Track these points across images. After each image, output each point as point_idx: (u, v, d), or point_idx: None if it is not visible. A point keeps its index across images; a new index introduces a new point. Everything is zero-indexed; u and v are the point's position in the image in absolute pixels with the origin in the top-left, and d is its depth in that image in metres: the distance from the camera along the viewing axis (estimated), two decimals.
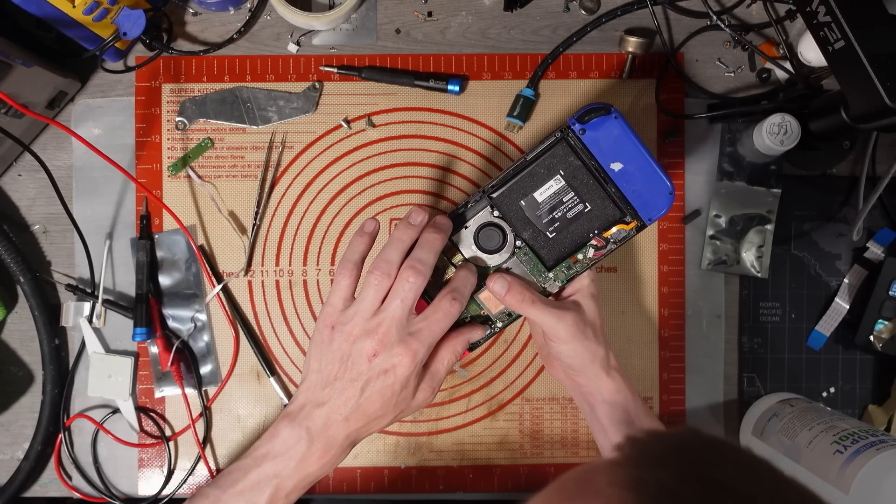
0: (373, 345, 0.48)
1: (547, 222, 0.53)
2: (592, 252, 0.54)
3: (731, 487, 0.28)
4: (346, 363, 0.49)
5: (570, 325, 0.52)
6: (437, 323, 0.49)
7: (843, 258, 0.67)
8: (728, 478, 0.29)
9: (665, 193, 0.53)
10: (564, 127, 0.52)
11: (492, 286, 0.52)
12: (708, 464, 0.30)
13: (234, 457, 0.66)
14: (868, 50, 0.49)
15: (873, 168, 0.66)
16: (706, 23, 0.67)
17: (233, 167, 0.66)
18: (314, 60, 0.66)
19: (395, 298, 0.49)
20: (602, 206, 0.53)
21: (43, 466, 0.66)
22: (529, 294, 0.52)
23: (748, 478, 0.29)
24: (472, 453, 0.66)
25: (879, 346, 0.66)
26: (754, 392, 0.67)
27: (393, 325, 0.48)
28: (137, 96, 0.66)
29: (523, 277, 0.54)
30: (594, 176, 0.52)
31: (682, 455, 0.30)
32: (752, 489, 0.29)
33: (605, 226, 0.53)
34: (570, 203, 0.53)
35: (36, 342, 0.64)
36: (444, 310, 0.50)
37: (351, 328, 0.49)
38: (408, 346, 0.48)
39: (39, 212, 0.67)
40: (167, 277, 0.66)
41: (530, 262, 0.54)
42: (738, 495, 0.28)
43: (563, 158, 0.52)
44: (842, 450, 0.53)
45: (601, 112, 0.51)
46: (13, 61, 0.56)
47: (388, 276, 0.49)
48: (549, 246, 0.54)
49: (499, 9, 0.67)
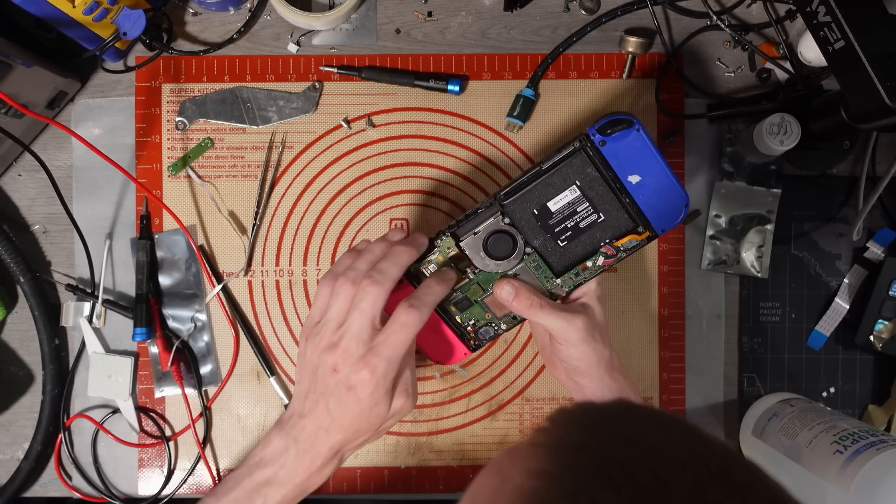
0: (333, 359, 0.47)
1: (559, 231, 0.52)
2: (602, 260, 0.53)
3: (636, 439, 0.28)
4: (316, 376, 0.49)
5: (580, 328, 0.52)
6: (395, 335, 0.47)
7: (843, 258, 0.67)
8: (636, 432, 0.29)
9: (680, 205, 0.51)
10: (583, 136, 0.50)
11: (498, 292, 0.52)
12: (625, 424, 0.30)
13: (234, 457, 0.66)
14: (868, 50, 0.49)
15: (873, 168, 0.66)
16: (706, 23, 0.67)
17: (233, 167, 0.66)
18: (314, 60, 0.66)
19: (354, 310, 0.48)
20: (616, 216, 0.52)
21: (43, 466, 0.66)
22: (537, 299, 0.52)
23: (657, 431, 0.29)
24: (472, 453, 0.66)
25: (879, 346, 0.66)
26: (754, 392, 0.67)
27: (352, 340, 0.47)
28: (137, 96, 0.66)
29: (530, 282, 0.53)
30: (610, 187, 0.51)
31: (604, 422, 0.30)
32: (656, 440, 0.28)
33: (617, 235, 0.52)
34: (583, 213, 0.52)
35: (36, 342, 0.64)
36: (400, 320, 0.47)
37: (318, 340, 0.49)
38: (366, 362, 0.47)
39: (39, 212, 0.67)
40: (167, 277, 0.66)
41: (539, 269, 0.53)
42: (641, 443, 0.28)
43: (581, 169, 0.51)
44: (842, 450, 0.53)
45: (624, 125, 0.49)
46: (13, 61, 0.56)
47: (353, 283, 0.48)
48: (558, 253, 0.53)
49: (499, 9, 0.67)
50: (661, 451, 0.27)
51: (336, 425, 0.48)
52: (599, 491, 0.25)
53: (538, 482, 0.27)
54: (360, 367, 0.47)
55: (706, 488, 0.26)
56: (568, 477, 0.26)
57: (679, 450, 0.28)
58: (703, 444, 0.28)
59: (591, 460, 0.27)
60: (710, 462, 0.27)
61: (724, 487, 0.26)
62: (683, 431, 0.29)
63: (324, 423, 0.48)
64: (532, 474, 0.27)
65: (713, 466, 0.27)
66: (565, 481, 0.26)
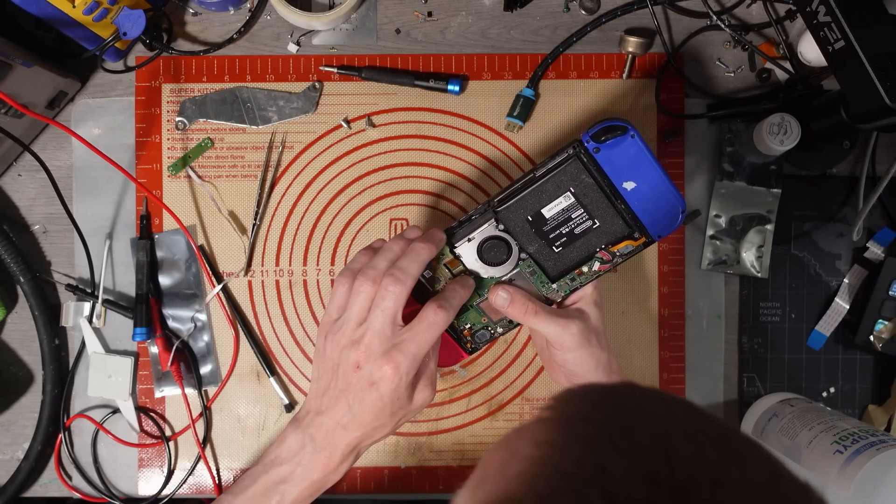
0: (356, 356, 0.48)
1: (554, 237, 0.52)
2: (598, 265, 0.53)
3: (639, 411, 0.29)
4: (337, 373, 0.49)
5: (576, 333, 0.51)
6: (422, 333, 0.48)
7: (843, 258, 0.67)
8: (639, 405, 0.30)
9: (677, 211, 0.51)
10: (577, 143, 0.49)
11: (493, 299, 0.52)
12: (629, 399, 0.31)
13: (234, 457, 0.66)
14: (868, 50, 0.49)
15: (873, 168, 0.66)
16: (706, 23, 0.67)
17: (233, 167, 0.66)
18: (314, 60, 0.66)
19: (376, 308, 0.48)
20: (611, 222, 0.51)
21: (43, 466, 0.66)
22: (532, 305, 0.51)
23: (660, 405, 0.30)
24: (472, 453, 0.66)
25: (879, 346, 0.66)
26: (754, 392, 0.67)
27: (375, 337, 0.48)
28: (137, 96, 0.66)
29: (526, 288, 0.53)
30: (605, 194, 0.50)
31: (608, 398, 0.31)
32: (660, 413, 0.29)
33: (612, 241, 0.52)
34: (578, 219, 0.51)
35: (36, 342, 0.64)
36: (428, 320, 0.48)
37: (339, 338, 0.49)
38: (390, 358, 0.47)
39: (39, 212, 0.67)
40: (167, 277, 0.66)
41: (534, 275, 0.53)
42: (644, 415, 0.29)
43: (575, 176, 0.50)
44: (842, 450, 0.53)
45: (618, 132, 0.49)
46: (13, 61, 0.56)
47: (373, 282, 0.48)
48: (554, 259, 0.53)
49: (499, 9, 0.67)
50: (664, 421, 0.28)
51: (356, 422, 0.49)
52: (605, 455, 0.26)
53: (546, 450, 0.28)
54: (384, 363, 0.47)
55: (707, 453, 0.26)
56: (575, 444, 0.27)
57: (681, 421, 0.29)
58: (704, 417, 0.29)
59: (597, 429, 0.28)
60: (710, 432, 0.28)
61: (725, 453, 0.27)
62: (685, 407, 0.30)
63: (343, 419, 0.49)
64: (540, 444, 0.28)
65: (714, 436, 0.28)
66: (572, 448, 0.27)
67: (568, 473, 0.26)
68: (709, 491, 0.25)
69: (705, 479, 0.25)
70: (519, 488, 0.26)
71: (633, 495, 0.24)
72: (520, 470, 0.27)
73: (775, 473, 0.27)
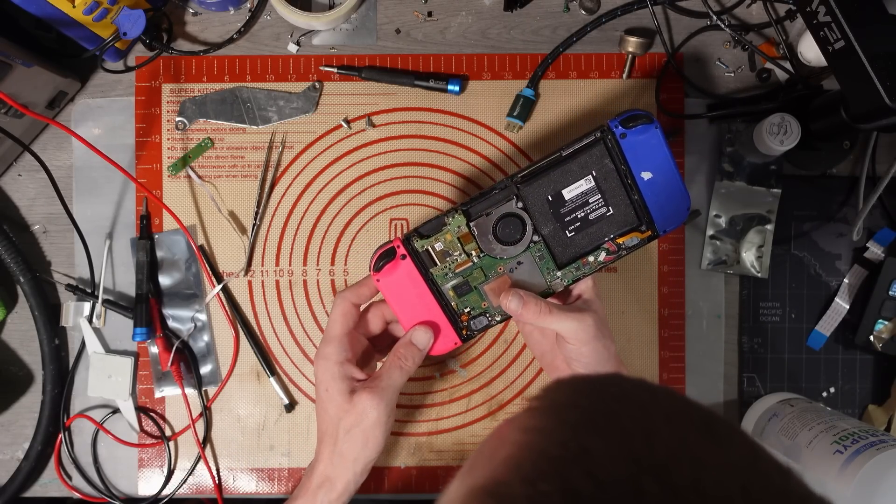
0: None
1: (569, 220, 0.53)
2: (604, 256, 0.54)
3: (624, 397, 0.30)
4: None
5: (592, 325, 0.52)
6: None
7: (843, 258, 0.67)
8: (624, 392, 0.31)
9: (683, 208, 0.53)
10: (605, 128, 0.51)
11: (506, 305, 0.52)
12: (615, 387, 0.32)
13: (234, 457, 0.66)
14: (868, 50, 0.49)
15: (873, 168, 0.66)
16: (706, 23, 0.67)
17: (233, 167, 0.66)
18: (314, 60, 0.66)
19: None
20: (624, 212, 0.53)
21: (43, 466, 0.66)
22: (546, 305, 0.52)
23: (645, 392, 0.31)
24: (472, 453, 0.66)
25: (879, 346, 0.66)
26: (754, 392, 0.67)
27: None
28: (137, 96, 0.66)
29: (529, 278, 0.54)
30: (622, 181, 0.52)
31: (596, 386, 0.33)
32: (644, 399, 0.30)
33: (621, 232, 0.53)
34: (594, 205, 0.52)
35: (36, 342, 0.64)
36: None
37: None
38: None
39: (39, 212, 0.67)
40: (167, 277, 0.66)
41: (542, 259, 0.53)
42: (629, 400, 0.30)
43: (599, 159, 0.52)
44: (842, 450, 0.53)
45: (644, 120, 0.51)
46: (13, 61, 0.56)
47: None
48: (564, 244, 0.53)
49: (499, 9, 0.67)
50: (648, 407, 0.29)
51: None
52: (589, 438, 0.27)
53: (533, 436, 0.29)
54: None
55: (688, 435, 0.27)
56: (560, 429, 0.28)
57: (665, 407, 0.30)
58: (687, 403, 0.30)
59: (583, 415, 0.29)
60: (693, 417, 0.29)
61: (707, 437, 0.28)
62: (669, 394, 0.31)
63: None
64: (528, 430, 0.29)
65: (695, 419, 0.29)
66: (558, 433, 0.28)
67: (553, 456, 0.27)
68: (688, 469, 0.26)
69: (685, 458, 0.26)
70: (506, 472, 0.27)
71: (615, 474, 0.25)
72: (507, 455, 0.28)
73: (755, 453, 0.28)
